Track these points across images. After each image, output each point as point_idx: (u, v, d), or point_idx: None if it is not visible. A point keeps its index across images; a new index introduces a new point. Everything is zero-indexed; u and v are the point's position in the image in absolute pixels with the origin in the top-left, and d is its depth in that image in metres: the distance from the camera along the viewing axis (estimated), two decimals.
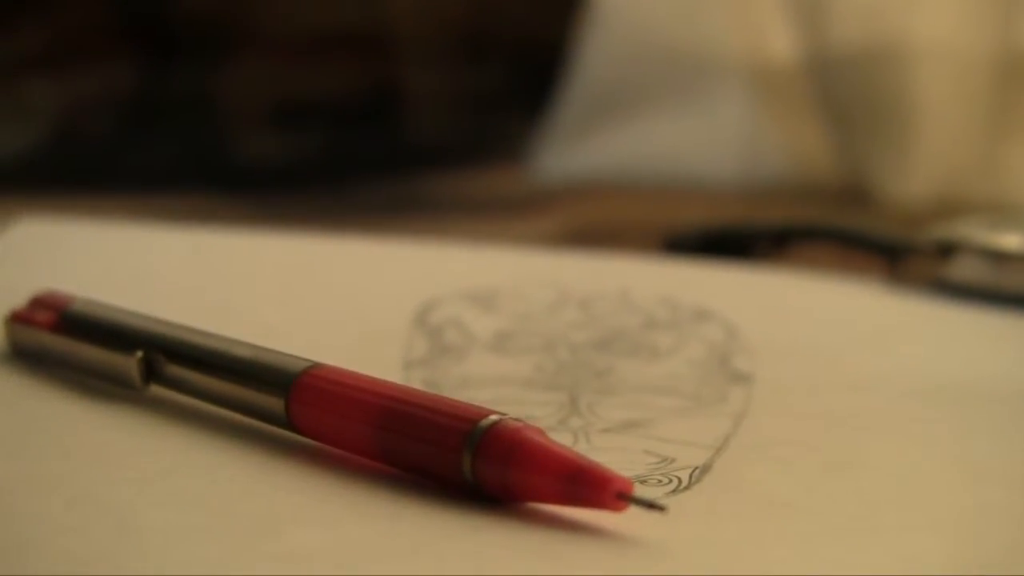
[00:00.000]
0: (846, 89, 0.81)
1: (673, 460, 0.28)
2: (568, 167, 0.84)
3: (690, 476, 0.27)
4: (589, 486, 0.23)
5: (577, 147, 0.84)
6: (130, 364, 0.30)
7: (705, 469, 0.28)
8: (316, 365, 0.28)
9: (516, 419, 0.25)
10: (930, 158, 0.79)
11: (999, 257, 0.43)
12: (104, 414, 0.30)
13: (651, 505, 0.23)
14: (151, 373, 0.30)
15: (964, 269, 0.44)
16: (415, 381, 0.33)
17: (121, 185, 0.74)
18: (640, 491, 0.25)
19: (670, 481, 0.27)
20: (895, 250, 0.46)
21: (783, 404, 0.33)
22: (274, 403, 0.28)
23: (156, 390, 0.30)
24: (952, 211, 0.78)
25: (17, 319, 0.33)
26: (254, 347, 0.29)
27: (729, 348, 0.37)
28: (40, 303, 0.33)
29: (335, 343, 0.36)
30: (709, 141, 0.85)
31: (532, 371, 0.34)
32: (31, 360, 0.33)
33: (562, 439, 0.29)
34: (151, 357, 0.30)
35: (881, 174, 0.81)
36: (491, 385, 0.33)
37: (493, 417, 0.25)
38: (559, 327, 0.38)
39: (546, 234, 0.69)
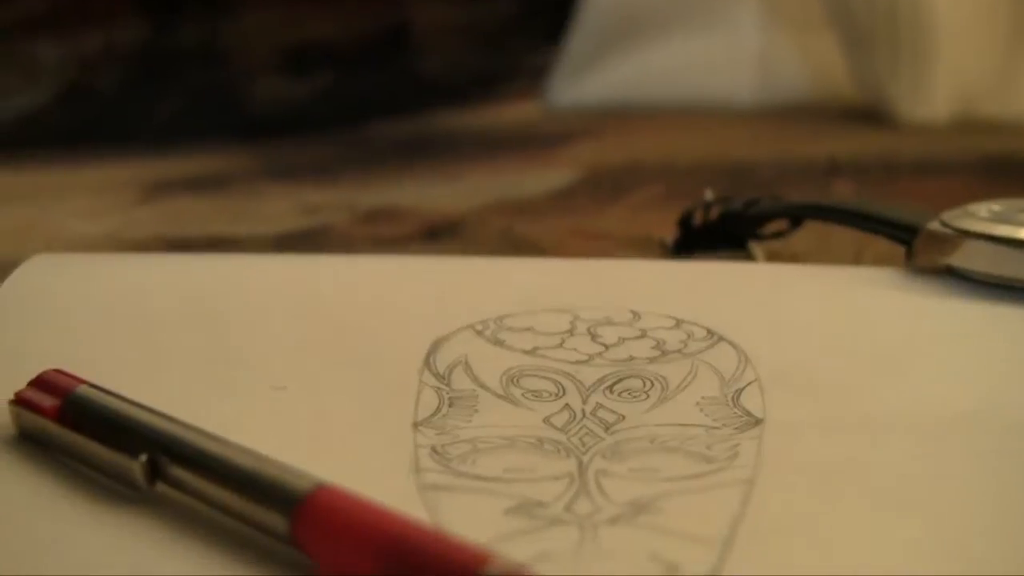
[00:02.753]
0: (863, 6, 0.79)
1: (677, 568, 0.27)
2: (583, 96, 0.83)
3: None
4: None
5: (592, 75, 0.83)
6: (134, 466, 0.30)
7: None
8: (322, 487, 0.27)
9: (517, 566, 0.24)
10: (948, 76, 0.77)
11: (1015, 245, 0.42)
12: (106, 512, 0.30)
13: None
14: (156, 473, 0.30)
15: (980, 257, 0.43)
16: (424, 450, 0.32)
17: (132, 141, 0.74)
18: None
19: None
20: (910, 232, 0.45)
21: (794, 463, 0.33)
22: (277, 521, 0.27)
23: (162, 488, 0.30)
24: (970, 129, 0.77)
25: (21, 402, 0.32)
26: (259, 458, 0.29)
27: (740, 378, 0.36)
28: (45, 384, 0.33)
29: (342, 394, 0.36)
30: (725, 62, 0.84)
31: (541, 428, 0.34)
32: (37, 445, 0.33)
33: (569, 533, 0.28)
34: (156, 458, 0.30)
35: (898, 92, 0.79)
36: (500, 452, 0.33)
37: (498, 565, 0.24)
38: (568, 365, 0.37)
39: (564, 176, 0.68)
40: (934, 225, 0.44)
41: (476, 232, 0.58)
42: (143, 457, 0.30)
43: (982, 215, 0.43)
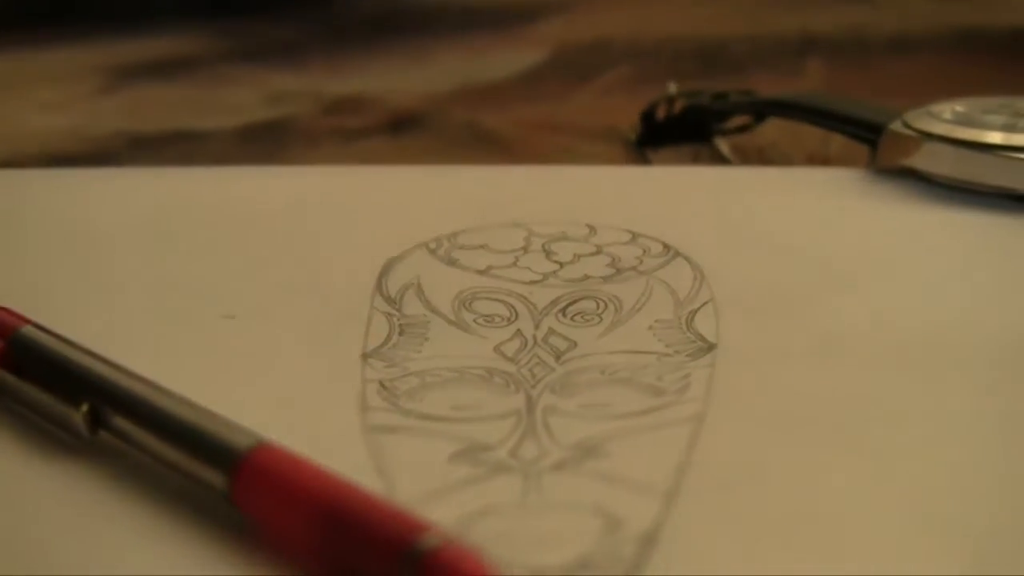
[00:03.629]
0: None
1: (620, 525, 0.27)
2: None
3: (636, 556, 0.26)
4: None
5: None
6: (75, 416, 0.29)
7: (650, 541, 0.27)
8: (261, 444, 0.27)
9: (455, 543, 0.24)
10: None
11: (977, 148, 0.41)
12: (49, 460, 0.29)
13: None
14: (98, 422, 0.29)
15: (942, 160, 0.42)
16: (372, 384, 0.32)
17: (96, 21, 0.72)
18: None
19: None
20: (875, 131, 0.44)
21: (744, 395, 0.33)
22: (216, 478, 0.27)
23: (105, 437, 0.29)
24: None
25: None
26: (201, 412, 0.28)
27: (695, 298, 0.36)
28: None
29: (292, 323, 0.36)
30: None
31: (491, 358, 0.33)
32: None
33: (513, 483, 0.28)
34: (98, 408, 0.29)
35: None
36: (448, 386, 0.32)
37: (432, 538, 0.24)
38: (522, 286, 0.37)
39: (532, 57, 0.67)
40: (896, 126, 0.43)
41: (440, 124, 0.57)
42: (84, 406, 0.29)
43: (945, 116, 0.42)
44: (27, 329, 0.32)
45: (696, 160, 0.52)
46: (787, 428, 0.31)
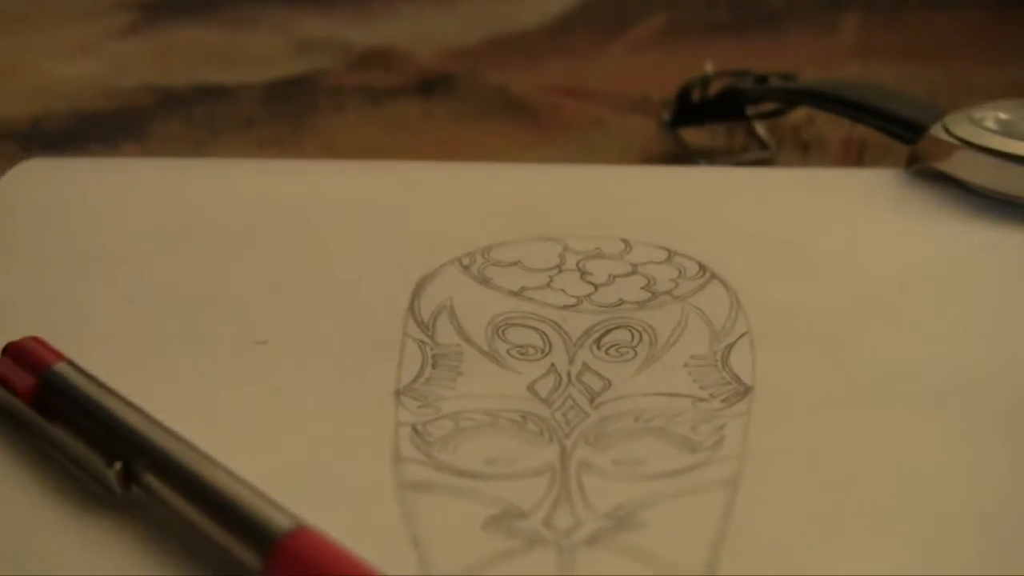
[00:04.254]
0: None
1: None
2: None
3: None
4: None
5: None
6: (109, 473, 0.29)
7: None
8: (300, 528, 0.26)
9: None
10: None
11: (1019, 161, 0.41)
12: (79, 512, 0.29)
13: None
14: (131, 479, 0.29)
15: (982, 170, 0.42)
16: (405, 429, 0.32)
17: None
18: None
19: None
20: (915, 131, 0.43)
21: (781, 452, 0.32)
22: (250, 557, 0.27)
23: (138, 492, 0.29)
24: None
25: None
26: (241, 484, 0.28)
27: (731, 330, 0.36)
28: (21, 354, 0.32)
29: (324, 349, 0.36)
30: None
31: (525, 398, 0.33)
32: (10, 423, 0.32)
33: (548, 559, 0.28)
34: (132, 464, 0.29)
35: None
36: (482, 434, 0.32)
37: None
38: (555, 311, 0.36)
39: (563, 5, 0.66)
40: (937, 130, 0.42)
41: (469, 87, 0.56)
42: (118, 464, 0.29)
43: (987, 124, 0.42)
44: (61, 367, 0.32)
45: (730, 140, 0.51)
46: (822, 495, 0.31)
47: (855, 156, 0.49)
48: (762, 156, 0.49)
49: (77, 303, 0.37)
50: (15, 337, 0.33)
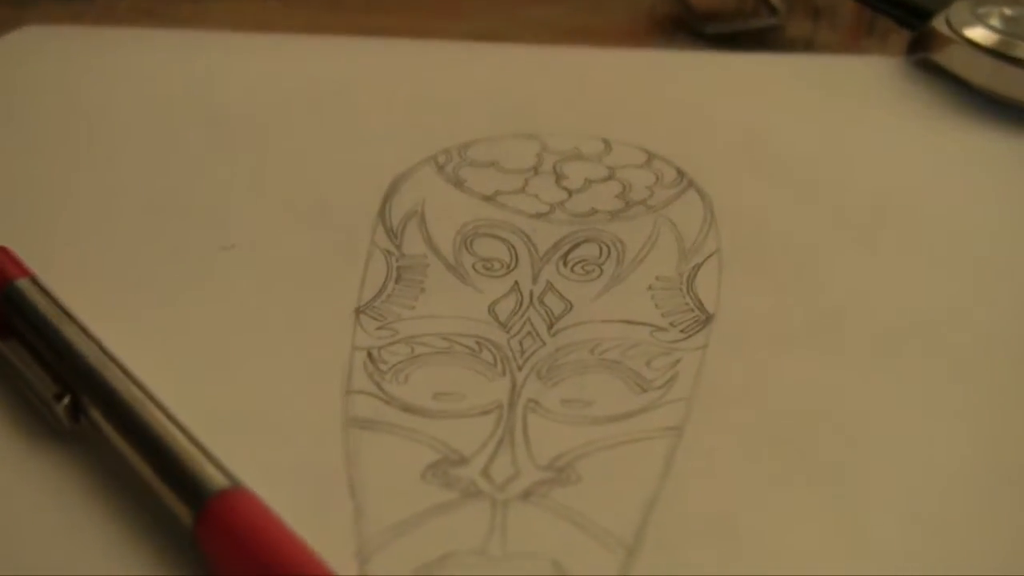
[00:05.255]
0: None
1: None
2: None
3: None
4: None
5: None
6: (56, 407, 0.29)
7: None
8: (234, 489, 0.27)
9: None
10: None
11: (1018, 64, 0.40)
12: (28, 445, 0.30)
13: None
14: (79, 413, 0.29)
15: (981, 70, 0.41)
16: (360, 354, 0.32)
17: None
18: None
19: None
20: (917, 18, 0.42)
21: (730, 399, 0.32)
22: (184, 513, 0.27)
23: (85, 425, 0.30)
24: None
25: None
26: (185, 437, 0.28)
27: (701, 247, 0.35)
28: None
29: (290, 257, 0.36)
30: None
31: (484, 321, 0.33)
32: None
33: (480, 514, 0.28)
34: (80, 400, 0.29)
35: None
36: (435, 363, 0.32)
37: None
38: (526, 220, 0.36)
39: None
40: (939, 21, 0.41)
41: None
42: (67, 399, 0.29)
43: (991, 22, 0.40)
44: (22, 283, 0.32)
45: (741, 1, 0.49)
46: (766, 450, 0.31)
47: (866, 27, 0.47)
48: (770, 23, 0.47)
49: (50, 193, 0.37)
50: None
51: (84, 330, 0.30)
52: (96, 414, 0.29)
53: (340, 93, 0.40)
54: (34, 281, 0.32)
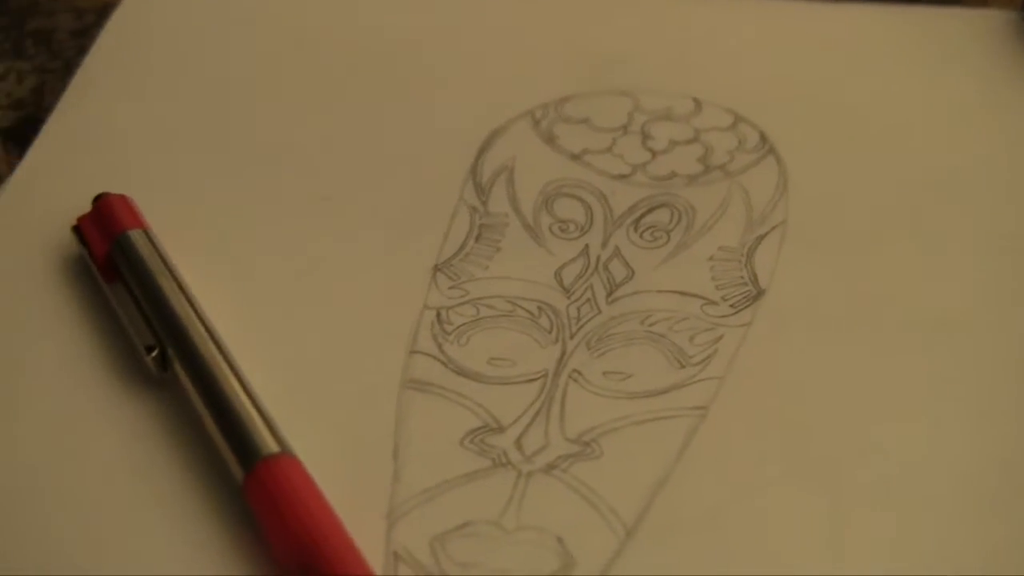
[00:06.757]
0: None
1: (571, 567, 0.30)
2: None
3: None
4: None
5: None
6: (146, 357, 0.33)
7: None
8: (282, 456, 0.30)
9: None
10: None
11: None
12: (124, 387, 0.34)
13: None
14: (166, 366, 0.33)
15: None
16: (429, 313, 0.35)
17: None
18: None
19: None
20: None
21: (762, 382, 0.34)
22: (237, 470, 0.31)
23: (171, 377, 0.33)
24: None
25: (81, 226, 0.36)
26: (251, 401, 0.32)
27: (769, 216, 0.37)
28: (105, 211, 0.37)
29: (381, 209, 0.38)
30: None
31: (549, 285, 0.36)
32: (87, 281, 0.36)
33: (504, 485, 0.31)
34: (167, 353, 0.33)
35: None
36: (496, 326, 0.35)
37: None
38: (608, 181, 0.38)
39: None
40: None
41: None
42: (155, 351, 0.33)
43: None
44: (134, 234, 0.35)
45: None
46: (785, 439, 0.32)
47: None
48: None
49: (169, 145, 0.40)
50: (108, 176, 0.38)
51: (180, 285, 0.34)
52: (178, 368, 0.32)
53: (442, 46, 0.42)
54: (146, 233, 0.35)
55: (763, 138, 0.38)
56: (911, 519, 0.30)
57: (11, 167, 0.38)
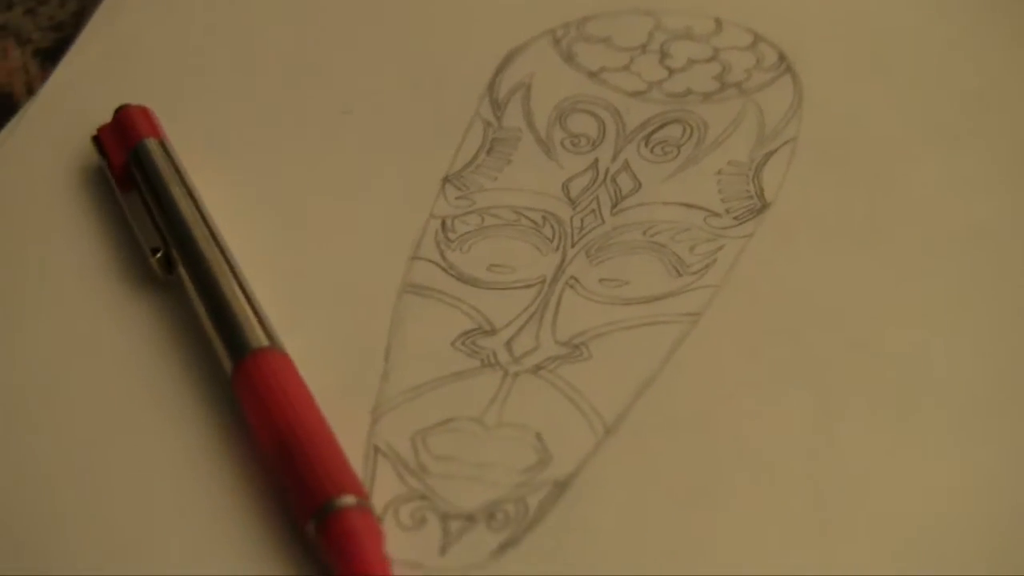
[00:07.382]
0: None
1: (545, 466, 0.30)
2: None
3: (537, 506, 0.30)
4: None
5: None
6: (151, 258, 0.34)
7: (562, 487, 0.30)
8: (268, 349, 0.31)
9: (364, 507, 0.28)
10: None
11: None
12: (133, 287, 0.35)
13: None
14: (171, 267, 0.34)
15: None
16: (434, 223, 0.36)
17: None
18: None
19: (506, 523, 0.29)
20: None
21: (756, 295, 0.33)
22: (227, 363, 0.32)
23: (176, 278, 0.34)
24: None
25: (101, 136, 0.37)
26: (245, 298, 0.32)
27: (781, 132, 0.37)
28: (126, 122, 0.37)
29: (399, 123, 0.39)
30: None
31: (555, 198, 0.36)
32: (104, 189, 0.37)
33: (490, 385, 0.32)
34: (170, 255, 0.34)
35: None
36: (499, 235, 0.35)
37: (345, 501, 0.28)
38: (623, 98, 0.38)
39: None
40: None
41: None
42: (160, 252, 0.34)
43: None
44: (149, 142, 0.36)
45: None
46: (772, 349, 0.32)
47: None
48: None
49: (192, 57, 0.41)
50: (132, 90, 0.38)
51: (190, 192, 0.34)
52: (181, 269, 0.33)
53: None
54: (161, 142, 0.36)
55: (781, 57, 0.38)
56: (912, 421, 0.30)
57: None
